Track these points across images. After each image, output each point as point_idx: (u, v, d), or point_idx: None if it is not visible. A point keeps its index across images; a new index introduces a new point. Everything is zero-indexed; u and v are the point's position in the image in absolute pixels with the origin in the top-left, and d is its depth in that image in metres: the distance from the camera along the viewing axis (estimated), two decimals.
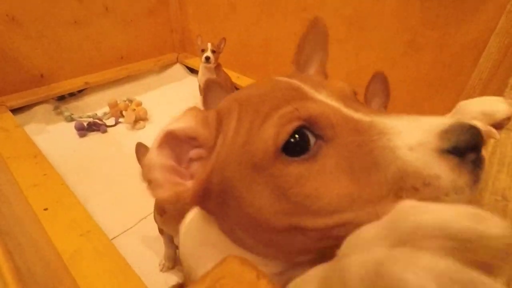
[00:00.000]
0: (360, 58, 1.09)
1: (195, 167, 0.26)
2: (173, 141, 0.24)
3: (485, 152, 0.18)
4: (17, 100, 1.25)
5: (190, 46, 1.72)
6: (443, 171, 0.18)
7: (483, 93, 0.81)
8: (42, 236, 0.71)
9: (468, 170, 0.18)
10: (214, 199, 0.25)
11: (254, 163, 0.22)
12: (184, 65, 1.70)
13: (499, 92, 0.30)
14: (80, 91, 1.43)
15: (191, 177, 0.26)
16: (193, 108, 0.25)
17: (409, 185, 0.18)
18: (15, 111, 1.24)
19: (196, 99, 1.45)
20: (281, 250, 0.24)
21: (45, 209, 0.79)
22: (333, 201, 0.20)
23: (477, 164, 0.18)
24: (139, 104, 1.32)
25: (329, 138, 0.22)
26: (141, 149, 0.62)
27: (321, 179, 0.21)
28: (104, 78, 1.46)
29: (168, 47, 1.71)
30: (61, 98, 1.39)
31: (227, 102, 0.26)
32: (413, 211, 0.15)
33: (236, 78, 1.49)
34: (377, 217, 0.17)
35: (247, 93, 0.25)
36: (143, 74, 1.60)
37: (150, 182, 0.24)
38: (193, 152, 0.26)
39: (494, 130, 0.24)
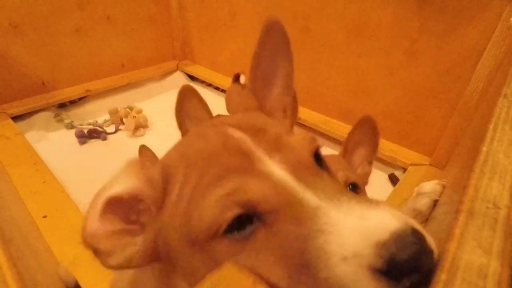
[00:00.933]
0: (359, 65, 1.10)
1: (145, 218, 0.25)
2: (116, 204, 0.23)
3: (477, 161, 0.19)
4: (18, 108, 1.26)
5: (190, 54, 1.73)
6: None
7: (480, 100, 0.82)
8: (41, 243, 0.71)
9: None
10: (164, 260, 0.24)
11: (192, 238, 0.21)
12: (185, 73, 1.71)
13: (494, 100, 0.30)
14: (80, 99, 1.44)
15: (142, 228, 0.24)
16: (133, 165, 0.24)
17: None
18: (16, 118, 1.24)
19: None
20: None
21: (44, 217, 0.79)
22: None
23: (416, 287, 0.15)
24: (140, 111, 1.32)
25: (267, 223, 0.20)
26: (144, 152, 0.62)
27: (253, 261, 0.20)
28: (105, 86, 1.47)
29: (168, 55, 1.72)
30: (62, 106, 1.40)
31: (175, 158, 0.25)
32: None
33: None
34: None
35: (195, 149, 0.24)
36: (144, 82, 1.61)
37: (97, 252, 0.22)
38: (142, 205, 0.24)
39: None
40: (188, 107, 0.41)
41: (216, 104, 1.53)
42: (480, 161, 0.19)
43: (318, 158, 0.24)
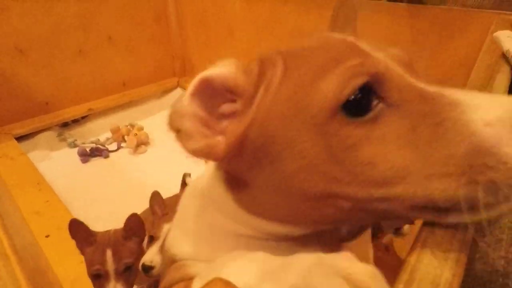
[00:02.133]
0: None
1: (226, 124, 0.23)
2: (207, 90, 0.22)
3: None
4: (22, 128, 1.29)
5: (190, 70, 1.77)
6: None
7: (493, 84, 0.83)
8: (44, 263, 0.71)
9: None
10: (246, 158, 0.22)
11: (305, 117, 0.20)
12: (185, 90, 1.74)
13: None
14: (83, 117, 1.47)
15: (221, 133, 0.23)
16: (233, 59, 0.24)
17: (481, 163, 0.17)
18: (20, 138, 1.27)
19: None
20: (303, 218, 0.23)
21: (47, 236, 0.80)
22: (388, 171, 0.18)
23: None
24: (141, 128, 1.34)
25: (393, 102, 0.20)
26: (156, 198, 0.67)
27: (379, 146, 0.19)
28: (107, 104, 1.50)
29: (169, 72, 1.76)
30: (65, 125, 1.42)
31: (269, 56, 0.24)
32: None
33: None
34: (430, 195, 0.16)
35: (293, 48, 0.23)
36: (145, 99, 1.63)
37: (179, 132, 0.22)
38: (226, 107, 0.23)
39: None
40: None
41: None
42: None
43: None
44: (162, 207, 0.67)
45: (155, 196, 0.69)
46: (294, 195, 0.21)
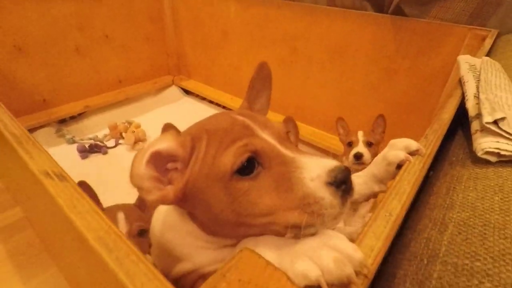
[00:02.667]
0: (342, 82, 1.20)
1: (171, 175, 0.34)
2: (157, 157, 0.32)
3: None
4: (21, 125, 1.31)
5: (185, 69, 1.81)
6: (326, 194, 0.28)
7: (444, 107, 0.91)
8: None
9: (339, 195, 0.29)
10: (189, 201, 0.34)
11: (217, 178, 0.31)
12: (180, 87, 1.79)
13: None
14: (80, 114, 1.50)
15: (169, 182, 0.34)
16: (172, 131, 0.34)
17: (307, 202, 0.28)
18: None
19: (190, 120, 1.53)
20: (235, 235, 0.34)
21: None
22: (265, 208, 0.30)
23: (346, 191, 0.29)
24: (138, 126, 1.39)
25: (266, 166, 0.31)
26: (167, 128, 0.64)
27: (259, 193, 0.30)
28: (103, 101, 1.54)
29: (164, 70, 1.80)
30: (62, 121, 1.46)
31: (198, 131, 0.35)
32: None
33: (230, 99, 1.59)
34: (288, 220, 0.28)
35: (214, 126, 0.35)
36: (140, 97, 1.68)
37: (141, 189, 0.32)
38: (170, 165, 0.34)
39: (410, 157, 0.37)
40: None
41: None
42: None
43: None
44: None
45: (168, 127, 0.66)
46: (224, 223, 0.33)
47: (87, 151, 1.28)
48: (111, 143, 1.35)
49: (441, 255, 0.25)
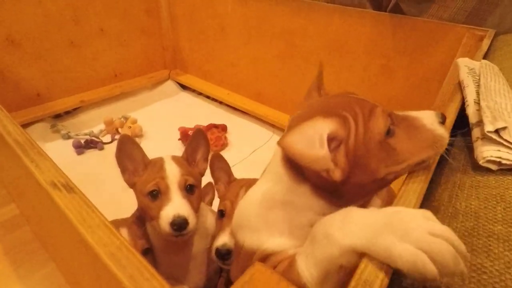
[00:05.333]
0: (340, 79, 1.20)
1: (333, 155, 0.37)
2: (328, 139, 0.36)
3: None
4: (15, 119, 1.29)
5: (181, 63, 1.80)
6: (442, 131, 0.38)
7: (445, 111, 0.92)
8: None
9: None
10: (348, 171, 0.38)
11: (375, 141, 0.36)
12: (176, 82, 1.78)
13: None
14: (75, 109, 1.48)
15: (334, 162, 0.37)
16: (319, 116, 0.36)
17: (434, 141, 0.37)
18: None
19: (187, 115, 1.52)
20: (364, 196, 0.40)
21: None
22: (406, 153, 0.37)
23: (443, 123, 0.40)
24: (135, 121, 1.38)
25: (395, 124, 0.38)
26: (216, 162, 0.67)
27: (400, 144, 0.37)
28: (98, 96, 1.52)
29: (160, 65, 1.78)
30: (57, 116, 1.44)
31: (335, 109, 0.38)
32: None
33: (227, 94, 1.58)
34: (422, 157, 0.37)
35: (344, 103, 0.40)
36: (136, 91, 1.66)
37: (327, 170, 0.35)
38: (333, 144, 0.37)
39: None
40: (125, 152, 0.66)
41: (206, 111, 1.61)
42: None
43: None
44: (227, 171, 0.63)
45: (216, 159, 0.64)
46: (371, 181, 0.37)
47: (82, 146, 1.27)
48: (107, 138, 1.34)
49: None
